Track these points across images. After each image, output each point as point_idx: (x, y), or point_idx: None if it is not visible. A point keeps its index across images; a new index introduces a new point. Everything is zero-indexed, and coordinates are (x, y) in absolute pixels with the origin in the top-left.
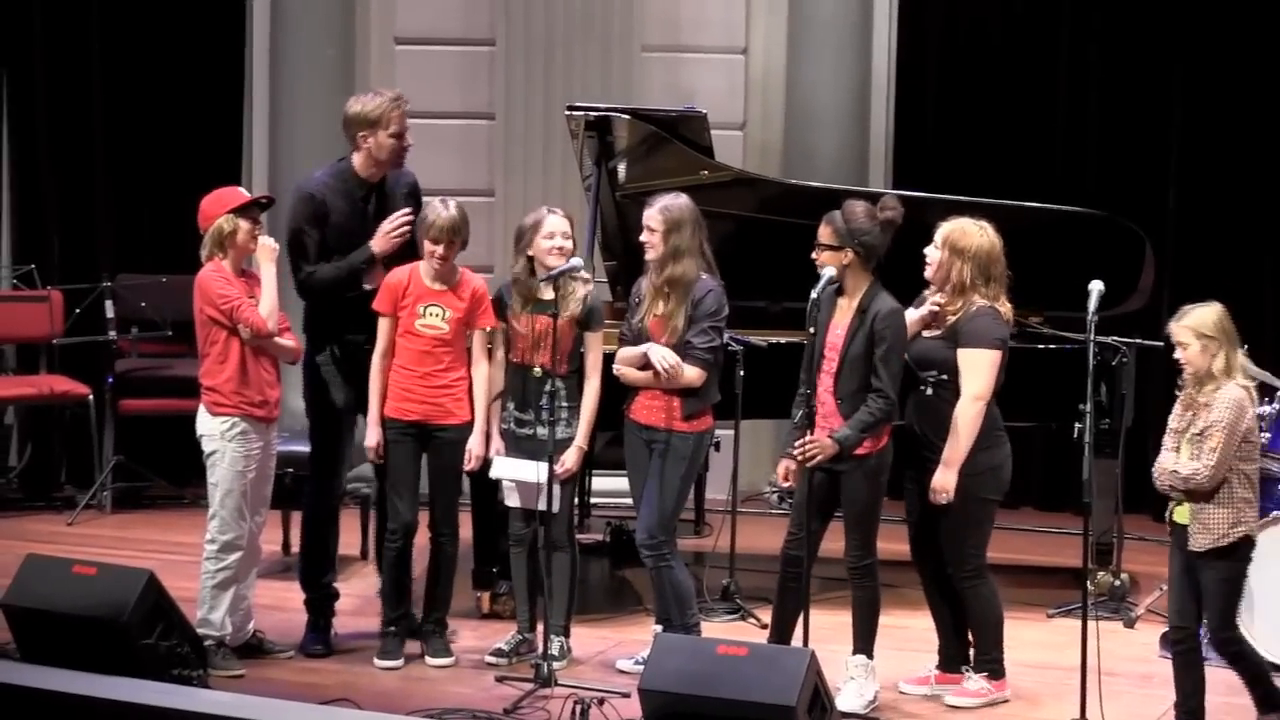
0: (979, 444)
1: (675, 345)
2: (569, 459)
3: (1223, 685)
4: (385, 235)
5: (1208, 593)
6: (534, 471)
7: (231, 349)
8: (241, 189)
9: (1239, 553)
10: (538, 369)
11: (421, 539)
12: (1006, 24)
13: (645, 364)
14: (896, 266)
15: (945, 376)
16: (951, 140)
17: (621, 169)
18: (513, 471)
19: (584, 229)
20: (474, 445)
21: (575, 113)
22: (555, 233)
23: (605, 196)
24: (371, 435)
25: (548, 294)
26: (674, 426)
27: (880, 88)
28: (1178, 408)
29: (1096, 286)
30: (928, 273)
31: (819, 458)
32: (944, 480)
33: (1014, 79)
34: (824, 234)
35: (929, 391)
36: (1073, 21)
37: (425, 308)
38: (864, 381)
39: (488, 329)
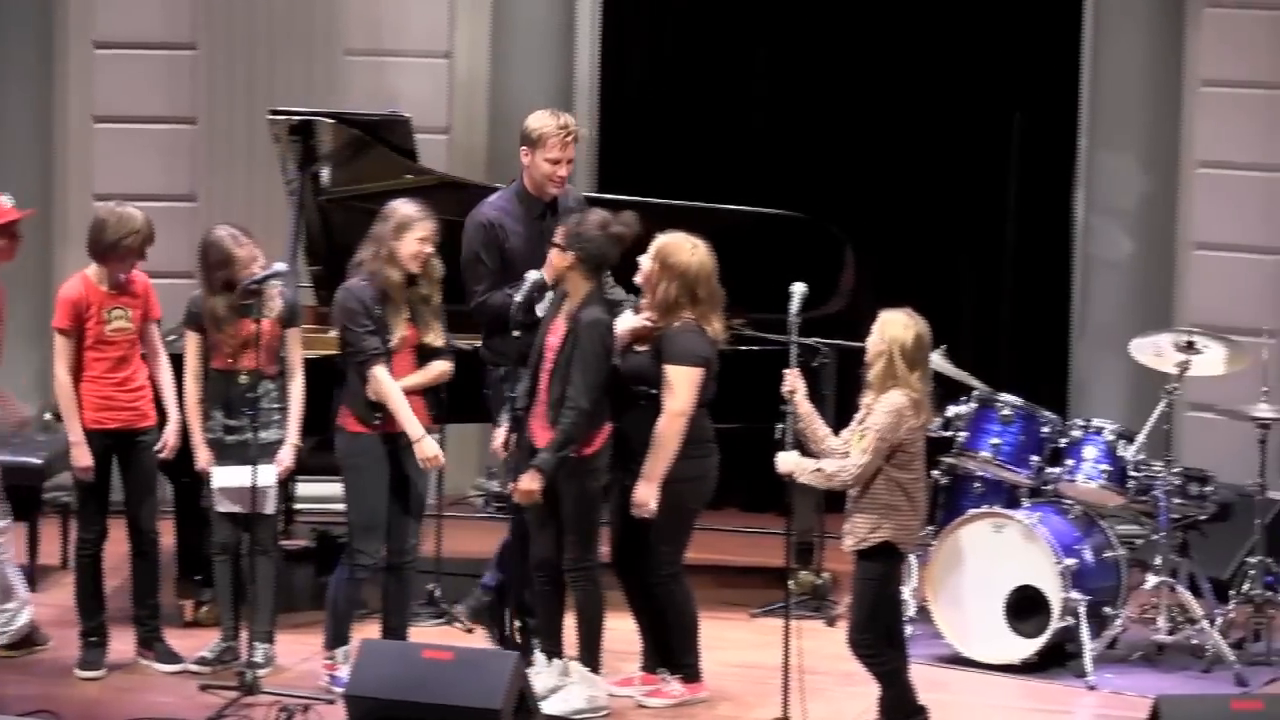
0: (687, 452)
1: (426, 348)
2: (286, 457)
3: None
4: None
5: (853, 591)
6: (251, 477)
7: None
8: (6, 200)
9: (880, 557)
10: (244, 374)
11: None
12: (711, 27)
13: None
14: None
15: (655, 391)
16: (656, 143)
17: (325, 173)
18: (231, 479)
19: (288, 234)
20: (169, 435)
21: (278, 117)
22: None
23: (309, 201)
24: (84, 455)
25: (247, 298)
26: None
27: (584, 91)
28: (861, 407)
29: (799, 289)
30: (638, 278)
31: (528, 499)
32: (645, 494)
33: (718, 82)
34: (558, 233)
35: (642, 402)
36: (774, 25)
37: (110, 313)
38: (566, 389)
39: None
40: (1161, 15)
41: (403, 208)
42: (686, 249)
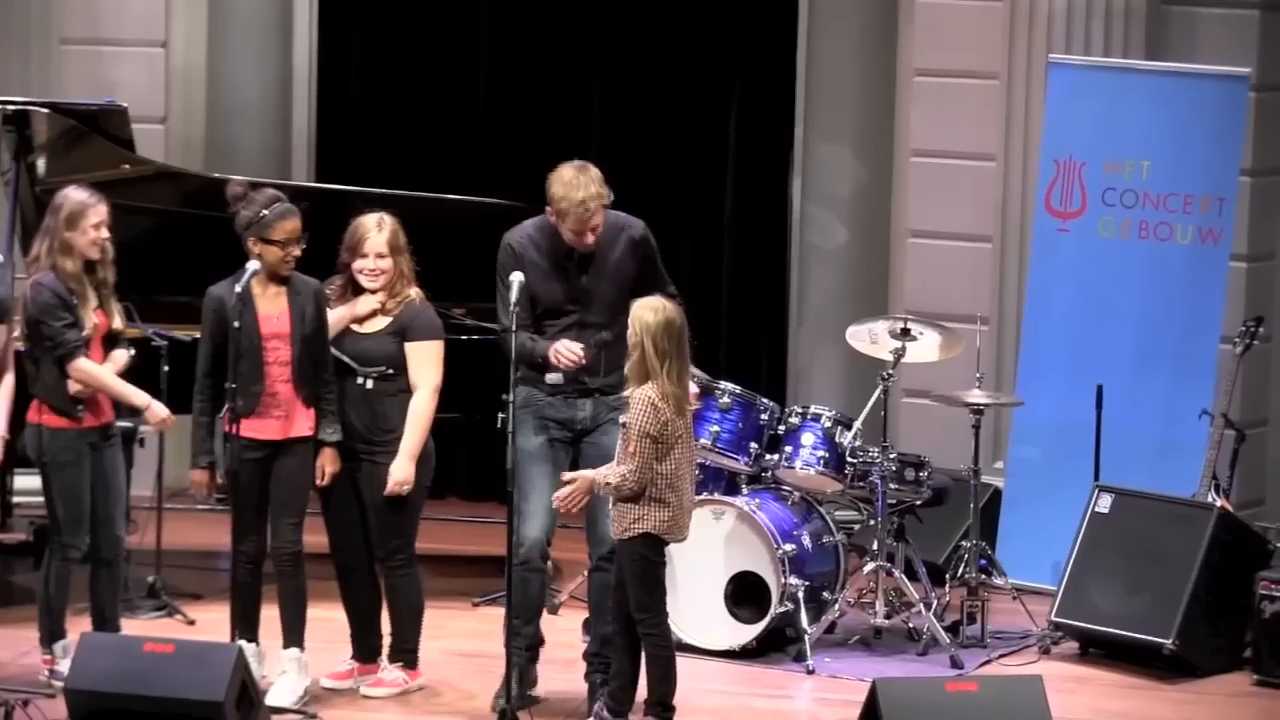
0: None
1: (113, 334)
2: None
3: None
4: (556, 354)
5: (625, 574)
6: None
7: None
8: None
9: (643, 544)
10: None
11: None
12: (430, 17)
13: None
14: (318, 261)
15: (392, 370)
16: (375, 134)
17: (41, 164)
18: None
19: (3, 226)
20: None
21: None
22: None
23: (25, 192)
24: None
25: None
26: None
27: (302, 81)
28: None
29: (517, 278)
30: (377, 283)
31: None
32: (406, 471)
33: (438, 72)
34: (294, 227)
35: (369, 385)
36: (494, 14)
37: None
38: (316, 361)
39: None
40: (874, 6)
41: (74, 195)
42: (399, 226)
